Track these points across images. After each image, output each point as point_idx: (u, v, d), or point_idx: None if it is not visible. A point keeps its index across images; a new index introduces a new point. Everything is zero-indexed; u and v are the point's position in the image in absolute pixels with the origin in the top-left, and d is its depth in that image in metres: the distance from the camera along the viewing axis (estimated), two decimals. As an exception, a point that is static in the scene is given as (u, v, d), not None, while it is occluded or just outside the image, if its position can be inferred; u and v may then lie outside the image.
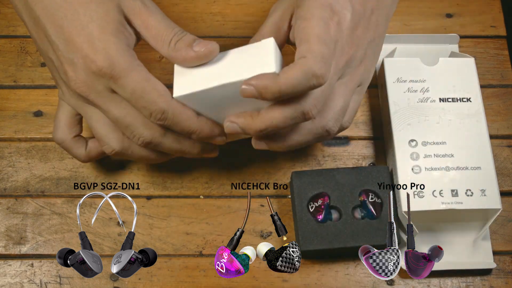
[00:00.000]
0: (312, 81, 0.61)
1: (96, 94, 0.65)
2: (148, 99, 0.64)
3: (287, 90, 0.61)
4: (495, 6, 0.90)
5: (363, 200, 0.76)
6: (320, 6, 0.64)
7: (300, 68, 0.61)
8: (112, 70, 0.63)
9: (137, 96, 0.64)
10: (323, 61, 0.61)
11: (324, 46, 0.62)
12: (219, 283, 0.76)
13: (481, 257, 0.77)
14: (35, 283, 0.75)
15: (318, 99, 0.64)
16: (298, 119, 0.64)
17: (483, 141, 0.77)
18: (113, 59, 0.63)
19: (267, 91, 0.61)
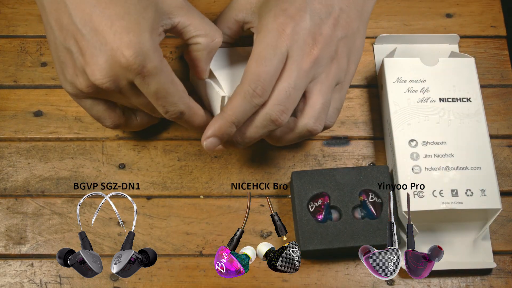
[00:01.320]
0: (253, 101, 0.67)
1: (117, 87, 0.65)
2: (170, 100, 0.66)
3: (240, 118, 0.69)
4: (495, 6, 0.90)
5: (363, 200, 0.76)
6: (273, 16, 0.69)
7: (239, 94, 0.68)
8: (142, 67, 0.63)
9: (159, 95, 0.65)
10: (258, 81, 0.67)
11: (261, 65, 0.67)
12: (219, 283, 0.76)
13: (481, 257, 0.77)
14: (35, 283, 0.75)
15: (285, 104, 0.68)
16: (270, 127, 0.69)
17: (483, 141, 0.77)
18: (145, 55, 0.62)
19: (225, 129, 0.69)
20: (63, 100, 0.83)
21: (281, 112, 0.68)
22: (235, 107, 0.68)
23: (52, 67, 0.84)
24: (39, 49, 0.85)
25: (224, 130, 0.69)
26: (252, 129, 0.70)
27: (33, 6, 0.87)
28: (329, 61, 0.70)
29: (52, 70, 0.84)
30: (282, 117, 0.68)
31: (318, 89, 0.70)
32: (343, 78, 0.72)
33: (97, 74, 0.64)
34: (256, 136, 0.71)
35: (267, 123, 0.69)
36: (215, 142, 0.70)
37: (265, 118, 0.69)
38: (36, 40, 0.86)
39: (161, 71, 0.64)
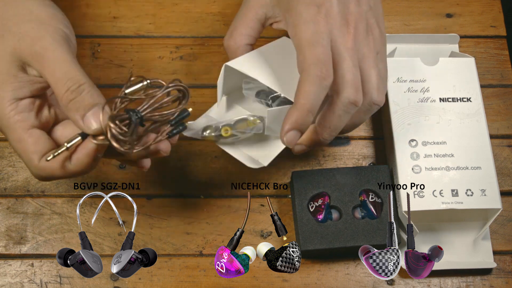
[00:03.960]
0: (323, 83, 0.65)
1: None
2: (24, 159, 0.64)
3: (314, 104, 0.66)
4: (495, 6, 0.90)
5: (363, 200, 0.76)
6: (305, 6, 0.67)
7: (306, 81, 0.66)
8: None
9: (17, 152, 0.64)
10: (320, 62, 0.65)
11: (316, 48, 0.66)
12: (219, 282, 0.76)
13: (481, 256, 0.77)
14: (35, 283, 0.75)
15: (355, 83, 0.67)
16: (351, 110, 0.68)
17: (483, 141, 0.77)
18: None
19: (303, 120, 0.66)
20: (63, 100, 0.83)
21: (357, 92, 0.67)
22: (307, 94, 0.66)
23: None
24: (39, 49, 0.85)
25: (301, 120, 0.67)
26: (335, 119, 0.69)
27: (33, 6, 0.87)
28: (365, 35, 0.70)
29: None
30: (358, 96, 0.68)
31: (367, 63, 0.69)
32: (380, 46, 0.72)
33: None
34: (341, 125, 0.70)
35: (348, 107, 0.68)
36: (295, 134, 0.67)
37: (344, 103, 0.67)
38: (36, 40, 0.86)
39: (8, 129, 0.63)
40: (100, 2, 0.88)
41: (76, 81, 0.62)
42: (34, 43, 0.62)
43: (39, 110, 0.65)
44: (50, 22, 0.64)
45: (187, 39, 0.87)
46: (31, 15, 0.64)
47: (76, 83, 0.62)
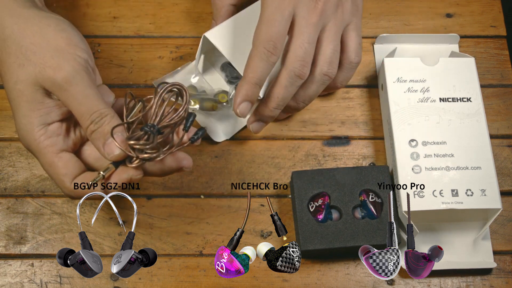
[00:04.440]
0: (270, 59, 0.72)
1: None
2: (55, 181, 0.67)
3: (261, 77, 0.72)
4: (495, 6, 0.90)
5: (363, 200, 0.76)
6: None
7: (255, 56, 0.72)
8: (29, 150, 0.67)
9: (48, 174, 0.68)
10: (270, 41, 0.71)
11: (270, 26, 0.71)
12: (219, 282, 0.76)
13: (481, 256, 0.77)
14: (36, 283, 0.75)
15: (304, 58, 0.73)
16: (296, 82, 0.74)
17: (483, 141, 0.77)
18: (24, 141, 0.67)
19: (251, 92, 0.73)
20: (63, 100, 0.83)
21: (302, 66, 0.73)
22: (254, 69, 0.72)
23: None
24: (39, 49, 0.85)
25: (250, 92, 0.73)
26: (281, 90, 0.74)
27: (33, 6, 0.87)
28: (334, 10, 0.75)
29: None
30: (304, 70, 0.73)
31: (326, 37, 0.75)
32: (351, 18, 0.78)
33: None
34: (288, 96, 0.75)
35: (294, 79, 0.73)
36: (247, 106, 0.74)
37: (290, 75, 0.73)
38: (36, 40, 0.86)
39: (39, 154, 0.67)
40: (100, 2, 0.88)
41: (99, 114, 0.65)
42: (55, 74, 0.65)
43: (67, 133, 0.68)
44: (68, 49, 0.66)
45: (187, 39, 0.87)
46: (48, 44, 0.66)
47: (99, 115, 0.65)
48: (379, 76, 0.84)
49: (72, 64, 0.65)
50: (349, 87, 0.85)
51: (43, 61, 0.65)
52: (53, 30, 0.67)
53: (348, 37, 0.78)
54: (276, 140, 0.82)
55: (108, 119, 0.66)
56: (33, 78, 0.65)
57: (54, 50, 0.65)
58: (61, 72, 0.65)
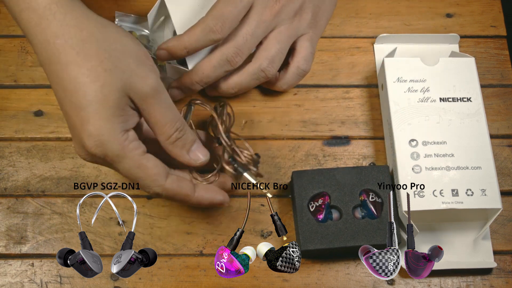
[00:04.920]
0: (210, 36, 0.74)
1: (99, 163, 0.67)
2: (142, 184, 0.67)
3: (191, 46, 0.75)
4: (495, 6, 0.90)
5: (363, 200, 0.76)
6: None
7: (199, 26, 0.74)
8: (104, 156, 0.64)
9: (132, 179, 0.67)
10: (220, 19, 0.74)
11: (227, 5, 0.74)
12: (220, 282, 0.76)
13: (481, 256, 0.77)
14: (36, 283, 0.75)
15: (241, 48, 0.76)
16: (225, 67, 0.77)
17: (483, 140, 0.77)
18: (104, 146, 0.64)
19: (176, 50, 0.75)
20: (64, 100, 0.83)
21: (236, 54, 0.76)
22: (192, 35, 0.75)
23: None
24: (39, 49, 0.85)
25: (176, 49, 0.75)
26: (209, 68, 0.77)
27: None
28: (291, 15, 0.79)
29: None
30: (236, 59, 0.77)
31: (275, 37, 0.78)
32: (307, 30, 0.81)
33: (78, 152, 0.66)
34: (212, 75, 0.78)
35: (223, 63, 0.77)
36: (165, 55, 0.76)
37: (221, 58, 0.76)
38: (37, 40, 0.86)
39: (124, 158, 0.65)
40: (101, 2, 0.88)
41: (182, 122, 0.69)
42: (143, 83, 0.65)
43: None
44: (147, 61, 0.67)
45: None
46: (130, 53, 0.66)
47: (182, 124, 0.68)
48: (379, 76, 0.84)
49: (155, 75, 0.66)
50: (349, 87, 0.85)
51: (130, 69, 0.64)
52: (130, 41, 0.67)
53: (301, 45, 0.81)
54: (276, 140, 0.82)
55: (187, 127, 0.69)
56: (121, 84, 0.64)
57: (136, 59, 0.65)
58: (148, 81, 0.65)
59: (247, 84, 0.80)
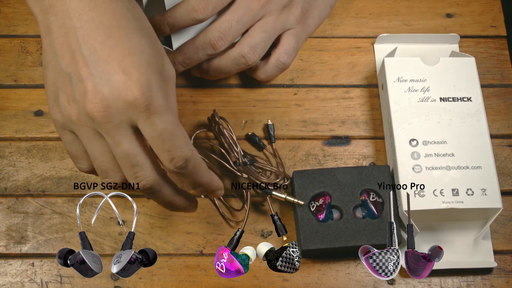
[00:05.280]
0: (192, 14, 0.75)
1: (113, 123, 0.61)
2: (176, 143, 0.62)
3: (174, 22, 0.75)
4: (495, 6, 0.90)
5: (364, 200, 0.76)
6: None
7: (184, 4, 0.75)
8: (149, 104, 0.60)
9: (165, 137, 0.62)
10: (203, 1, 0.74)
11: None
12: (220, 282, 0.76)
13: (481, 256, 0.77)
14: (36, 283, 0.75)
15: (225, 33, 0.77)
16: (208, 50, 0.77)
17: (483, 140, 0.77)
18: (153, 93, 0.60)
19: (159, 24, 0.75)
20: (64, 99, 0.83)
21: (219, 38, 0.77)
22: (174, 12, 0.75)
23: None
24: (39, 48, 0.85)
25: (159, 24, 0.76)
26: (192, 49, 0.78)
27: (34, 5, 0.87)
28: (280, 8, 0.79)
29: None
30: (219, 43, 0.77)
31: (260, 26, 0.79)
32: (294, 24, 0.81)
33: (95, 103, 0.60)
34: (194, 57, 0.78)
35: (206, 46, 0.77)
36: None
37: (204, 40, 0.77)
38: (37, 39, 0.86)
39: (168, 111, 0.61)
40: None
41: None
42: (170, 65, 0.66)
43: None
44: None
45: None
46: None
47: None
48: (379, 76, 0.84)
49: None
50: (349, 87, 0.85)
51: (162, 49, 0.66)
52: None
53: (285, 39, 0.81)
54: (276, 140, 0.82)
55: None
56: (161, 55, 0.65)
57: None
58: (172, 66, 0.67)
59: (227, 69, 0.80)
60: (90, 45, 0.61)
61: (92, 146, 0.64)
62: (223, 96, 0.84)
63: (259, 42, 0.79)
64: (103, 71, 0.60)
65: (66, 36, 0.62)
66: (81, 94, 0.61)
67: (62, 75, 0.62)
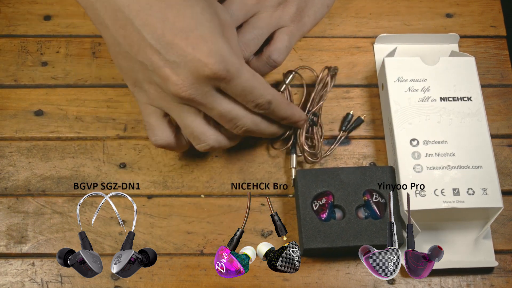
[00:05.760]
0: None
1: (202, 95, 0.66)
2: (257, 93, 0.68)
3: None
4: (495, 6, 0.90)
5: (367, 200, 0.76)
6: None
7: None
8: (227, 72, 0.65)
9: (247, 92, 0.68)
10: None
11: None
12: (220, 282, 0.75)
13: (482, 256, 0.77)
14: (36, 282, 0.75)
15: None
16: None
17: (484, 140, 0.77)
18: (227, 61, 0.64)
19: None
20: (64, 99, 0.83)
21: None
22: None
23: (52, 67, 0.84)
24: (39, 48, 0.85)
25: None
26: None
27: (34, 5, 0.87)
28: (275, 4, 0.79)
29: (53, 69, 0.84)
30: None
31: (255, 22, 0.79)
32: (289, 23, 0.81)
33: (177, 85, 0.65)
34: None
35: None
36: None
37: None
38: (37, 39, 0.86)
39: (243, 70, 0.67)
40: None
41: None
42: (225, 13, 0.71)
43: None
44: None
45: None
46: None
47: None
48: (379, 76, 0.84)
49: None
50: (349, 86, 0.85)
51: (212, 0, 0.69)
52: None
53: (278, 36, 0.81)
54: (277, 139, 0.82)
55: None
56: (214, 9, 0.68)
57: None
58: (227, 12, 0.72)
59: None
60: (151, 33, 0.63)
61: (181, 117, 0.70)
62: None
63: (251, 38, 0.78)
64: (174, 55, 0.63)
65: (123, 28, 0.64)
66: (161, 79, 0.65)
67: (136, 63, 0.66)
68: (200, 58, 0.63)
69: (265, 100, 0.69)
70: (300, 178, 0.76)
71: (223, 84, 0.66)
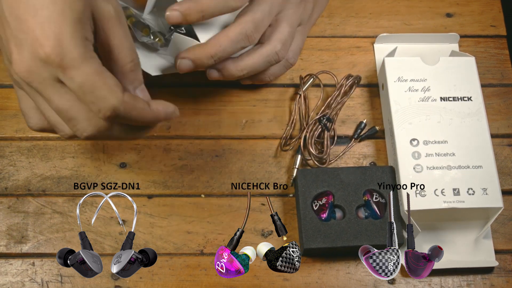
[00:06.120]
0: (230, 2, 0.71)
1: (39, 81, 0.59)
2: (98, 94, 0.59)
3: (208, 10, 0.70)
4: (495, 6, 0.90)
5: (367, 200, 0.76)
6: None
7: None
8: (61, 59, 0.57)
9: (85, 90, 0.58)
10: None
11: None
12: (220, 282, 0.75)
13: (482, 255, 0.77)
14: (36, 282, 0.75)
15: (259, 25, 0.74)
16: (242, 42, 0.73)
17: (484, 140, 0.77)
18: (64, 47, 0.57)
19: (191, 11, 0.70)
20: (64, 99, 0.83)
21: (255, 30, 0.73)
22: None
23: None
24: (39, 48, 0.85)
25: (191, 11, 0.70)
26: (226, 41, 0.73)
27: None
28: (298, 2, 0.79)
29: (53, 69, 0.84)
30: (255, 35, 0.74)
31: (286, 20, 0.77)
32: (305, 20, 0.81)
33: (19, 65, 0.58)
34: (229, 50, 0.73)
35: (242, 38, 0.73)
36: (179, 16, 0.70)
37: (241, 32, 0.73)
38: (37, 39, 0.86)
39: (83, 62, 0.58)
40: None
41: (137, 56, 0.63)
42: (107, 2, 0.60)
43: None
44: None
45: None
46: None
47: (137, 57, 0.63)
48: (379, 76, 0.84)
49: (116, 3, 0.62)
50: (349, 86, 0.85)
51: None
52: None
53: (295, 37, 0.80)
54: (277, 139, 0.82)
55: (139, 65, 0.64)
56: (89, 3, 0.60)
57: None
58: (111, 1, 0.61)
59: (259, 67, 0.77)
60: (8, 5, 0.58)
61: (38, 103, 0.63)
62: (223, 95, 0.84)
63: (288, 36, 0.77)
64: (20, 30, 0.58)
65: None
66: (9, 55, 0.60)
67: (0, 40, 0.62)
68: (39, 38, 0.57)
69: (109, 105, 0.59)
70: (300, 178, 0.76)
71: (59, 73, 0.58)
